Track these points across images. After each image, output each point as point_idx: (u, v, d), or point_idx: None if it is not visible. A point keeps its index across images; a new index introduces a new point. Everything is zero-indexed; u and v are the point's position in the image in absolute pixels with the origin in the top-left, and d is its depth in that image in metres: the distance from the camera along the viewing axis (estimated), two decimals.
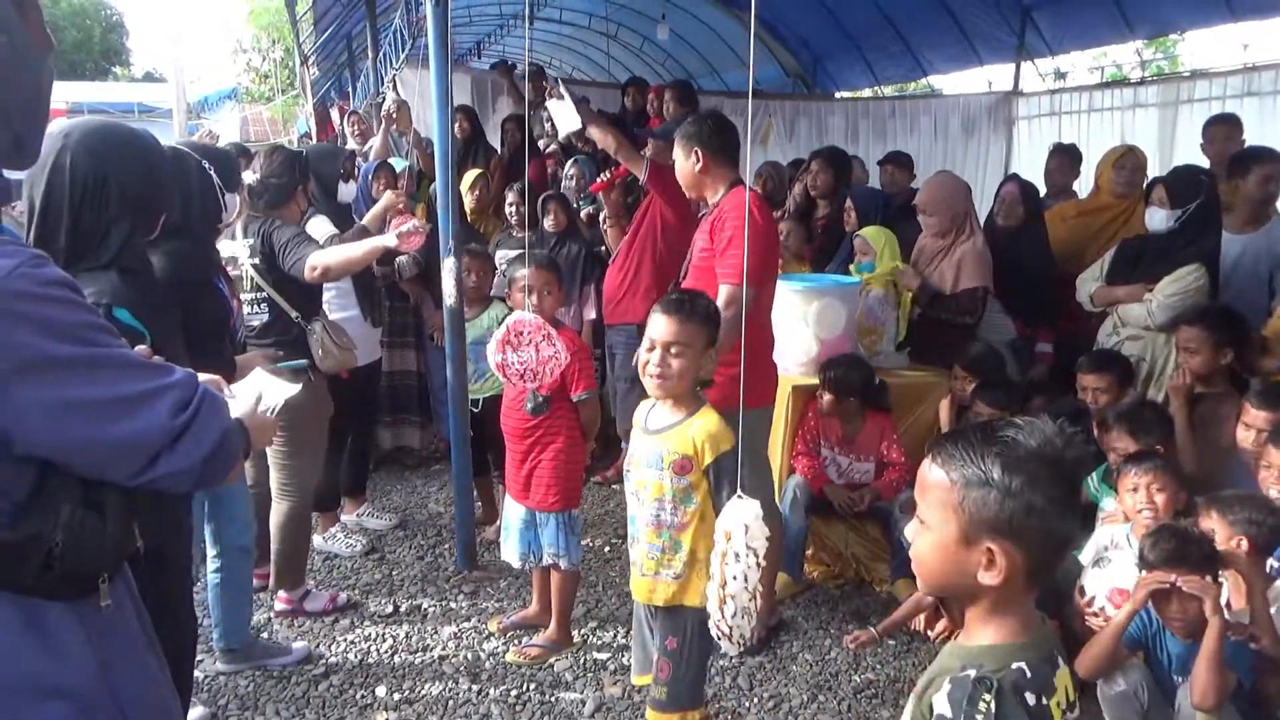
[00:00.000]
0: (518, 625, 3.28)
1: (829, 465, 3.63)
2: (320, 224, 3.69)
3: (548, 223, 4.72)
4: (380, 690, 2.92)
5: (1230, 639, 2.21)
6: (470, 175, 5.09)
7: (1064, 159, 5.16)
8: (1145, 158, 4.50)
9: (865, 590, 3.62)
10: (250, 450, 1.46)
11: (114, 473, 1.21)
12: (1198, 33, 8.74)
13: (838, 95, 10.58)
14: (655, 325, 2.21)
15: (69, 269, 1.70)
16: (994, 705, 1.10)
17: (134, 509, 1.28)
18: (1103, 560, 2.79)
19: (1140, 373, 3.54)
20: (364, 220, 3.98)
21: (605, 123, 4.10)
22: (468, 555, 3.77)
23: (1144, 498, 2.66)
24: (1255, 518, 2.35)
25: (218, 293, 2.63)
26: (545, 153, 6.25)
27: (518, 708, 2.85)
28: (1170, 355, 3.45)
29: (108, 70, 31.70)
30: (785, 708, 2.87)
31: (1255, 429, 2.73)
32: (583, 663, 3.09)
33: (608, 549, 4.02)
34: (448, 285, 3.42)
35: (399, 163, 5.02)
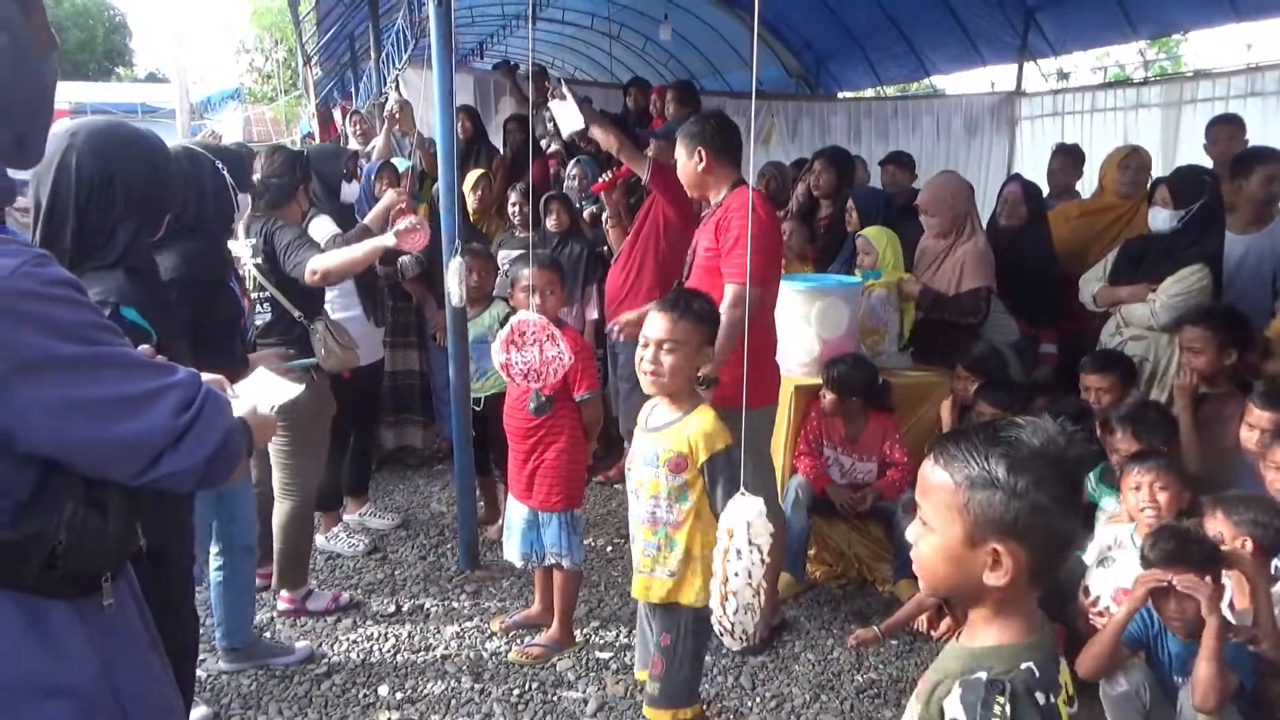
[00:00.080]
0: (520, 625, 3.28)
1: (832, 465, 3.63)
2: (323, 224, 3.69)
3: (550, 223, 4.72)
4: (383, 689, 2.93)
5: (1231, 640, 2.21)
6: (473, 175, 5.09)
7: (1067, 159, 5.15)
8: (1150, 158, 4.49)
9: (868, 590, 3.62)
10: (253, 449, 1.46)
11: (117, 472, 1.21)
12: (1201, 33, 8.73)
13: (840, 95, 10.56)
14: (650, 323, 2.25)
15: (75, 268, 1.71)
16: (1009, 708, 1.09)
17: (136, 508, 1.28)
18: (1107, 560, 2.78)
19: (1143, 373, 3.53)
20: (366, 220, 3.98)
21: (607, 123, 4.10)
22: (470, 555, 3.78)
23: (1147, 496, 2.66)
24: (1261, 519, 2.34)
25: (230, 292, 2.65)
26: (548, 153, 6.25)
27: (520, 707, 2.85)
28: (1173, 356, 3.44)
29: (111, 70, 31.73)
30: (788, 707, 2.87)
31: (1259, 429, 2.73)
32: (585, 662, 3.09)
33: (610, 549, 4.02)
34: (453, 285, 3.42)
35: (402, 163, 5.02)
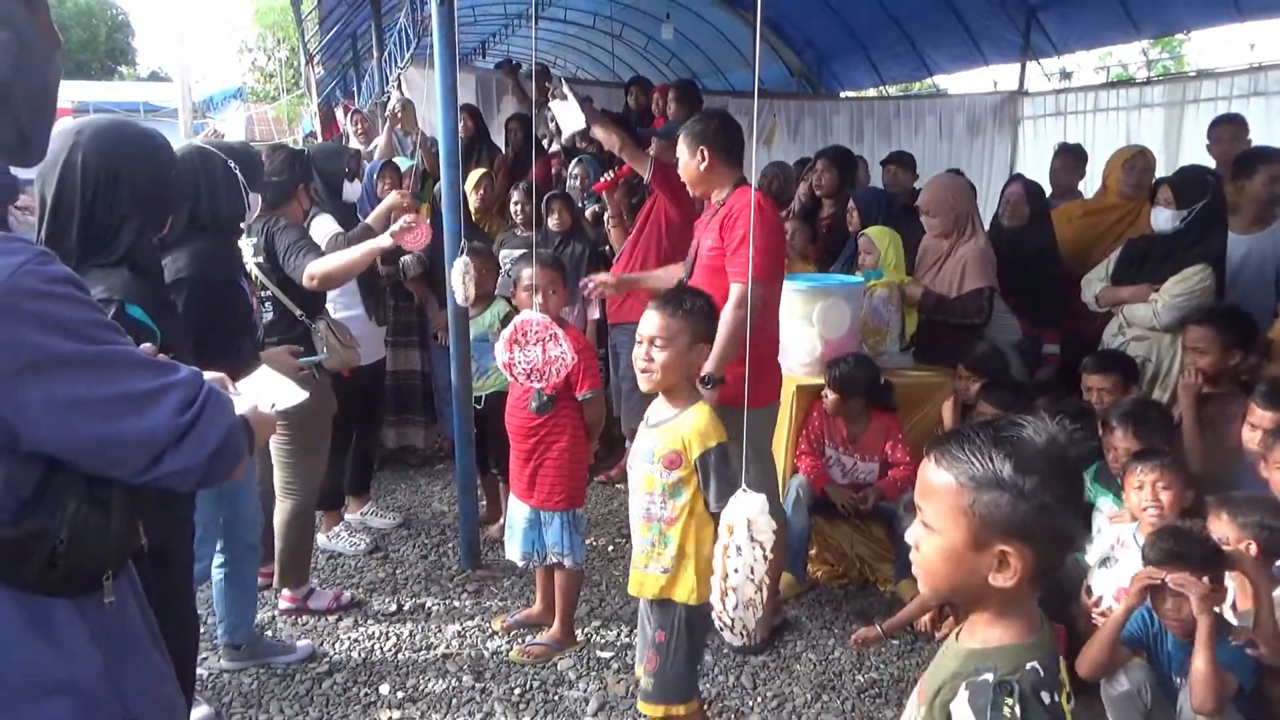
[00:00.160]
0: (521, 624, 3.28)
1: (833, 465, 3.63)
2: (325, 223, 3.69)
3: (552, 222, 4.72)
4: (384, 688, 2.93)
5: (1230, 642, 2.20)
6: (475, 175, 5.09)
7: (1069, 159, 5.14)
8: (1155, 159, 4.46)
9: (869, 590, 3.62)
10: (254, 447, 1.46)
11: (119, 470, 1.21)
12: (1204, 32, 8.75)
13: (842, 95, 10.56)
14: (644, 320, 2.27)
15: (80, 266, 1.71)
16: (1019, 709, 1.08)
17: (138, 506, 1.28)
18: (1110, 560, 2.78)
19: (1146, 373, 3.53)
20: (368, 219, 3.98)
21: (609, 122, 4.10)
22: (471, 554, 3.78)
23: (1149, 495, 2.64)
24: (1267, 521, 2.33)
25: (241, 290, 2.65)
26: (549, 152, 6.25)
27: (521, 706, 2.85)
28: (1176, 356, 3.43)
29: (113, 69, 31.76)
30: (789, 707, 2.87)
31: (1261, 429, 2.72)
32: (586, 661, 3.09)
33: (611, 548, 4.02)
34: (458, 285, 3.41)
35: (404, 162, 5.02)
